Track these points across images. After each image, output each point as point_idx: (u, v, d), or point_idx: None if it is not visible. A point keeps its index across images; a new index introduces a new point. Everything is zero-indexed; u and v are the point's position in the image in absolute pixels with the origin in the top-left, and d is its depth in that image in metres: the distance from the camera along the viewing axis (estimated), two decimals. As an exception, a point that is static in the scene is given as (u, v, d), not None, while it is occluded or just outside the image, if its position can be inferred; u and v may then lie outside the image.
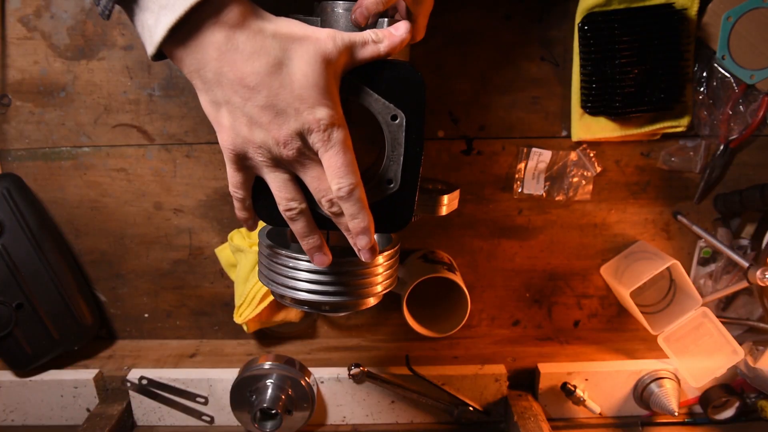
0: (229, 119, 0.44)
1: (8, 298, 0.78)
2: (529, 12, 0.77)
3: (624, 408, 0.82)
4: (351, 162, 0.45)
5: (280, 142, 0.44)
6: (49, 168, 0.83)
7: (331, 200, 0.46)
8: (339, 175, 0.45)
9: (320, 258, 0.51)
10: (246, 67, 0.41)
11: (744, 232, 0.85)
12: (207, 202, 0.85)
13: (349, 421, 0.82)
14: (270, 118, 0.43)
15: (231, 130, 0.44)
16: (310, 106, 0.43)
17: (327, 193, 0.46)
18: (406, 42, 0.47)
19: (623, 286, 0.81)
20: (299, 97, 0.42)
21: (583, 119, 0.79)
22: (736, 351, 0.78)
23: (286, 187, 0.47)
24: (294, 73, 0.42)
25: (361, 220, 0.47)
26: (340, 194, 0.45)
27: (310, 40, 0.43)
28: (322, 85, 0.43)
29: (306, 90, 0.42)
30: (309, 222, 0.49)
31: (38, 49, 0.78)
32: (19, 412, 0.82)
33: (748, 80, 0.76)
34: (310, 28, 0.44)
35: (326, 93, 0.43)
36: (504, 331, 0.92)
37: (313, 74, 0.42)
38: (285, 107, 0.42)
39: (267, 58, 0.41)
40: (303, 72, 0.42)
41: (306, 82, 0.42)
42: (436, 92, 0.80)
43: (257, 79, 0.41)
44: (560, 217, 0.86)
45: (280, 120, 0.43)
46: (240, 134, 0.44)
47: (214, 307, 0.90)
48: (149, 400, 0.80)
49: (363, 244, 0.49)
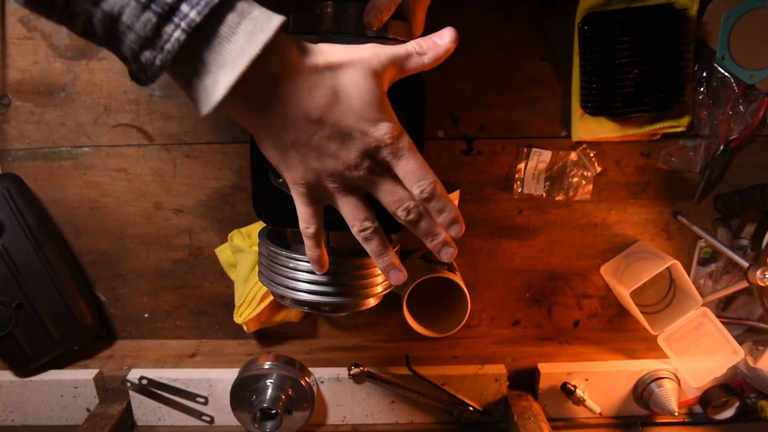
0: (298, 157, 0.44)
1: (8, 298, 0.78)
2: (529, 12, 0.77)
3: (624, 408, 0.82)
4: (423, 162, 0.46)
5: (351, 165, 0.44)
6: (49, 168, 0.83)
7: (407, 208, 0.46)
8: (417, 178, 0.45)
9: (396, 275, 0.50)
10: (307, 104, 0.42)
11: (744, 232, 0.85)
12: (207, 202, 0.85)
13: (349, 421, 0.82)
14: (338, 146, 0.43)
15: (301, 166, 0.44)
16: (372, 124, 0.43)
17: (402, 202, 0.46)
18: (451, 51, 0.47)
19: (623, 286, 0.81)
20: (361, 119, 0.43)
21: (583, 119, 0.79)
22: (736, 351, 0.78)
23: (359, 208, 0.47)
24: (351, 97, 0.43)
25: (449, 211, 0.47)
26: (424, 196, 0.46)
27: (357, 62, 0.43)
28: (377, 102, 0.43)
29: (365, 110, 0.43)
30: (383, 240, 0.49)
31: (38, 49, 0.78)
32: (19, 412, 0.82)
33: (748, 80, 0.76)
34: (352, 49, 0.44)
35: (383, 108, 0.44)
36: (504, 331, 0.92)
37: (368, 94, 0.43)
38: (350, 131, 0.43)
39: (324, 89, 0.42)
40: (358, 94, 0.43)
41: (363, 103, 0.43)
42: (436, 92, 0.80)
43: (319, 113, 0.42)
44: (560, 217, 0.86)
45: (348, 144, 0.43)
46: (311, 168, 0.44)
47: (214, 307, 0.90)
48: (149, 400, 0.81)
49: (455, 232, 0.49)
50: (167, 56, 0.38)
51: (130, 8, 0.37)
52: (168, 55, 0.38)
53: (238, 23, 0.38)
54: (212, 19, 0.38)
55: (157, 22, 0.37)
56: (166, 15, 0.37)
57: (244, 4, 0.39)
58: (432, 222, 0.48)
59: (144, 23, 0.37)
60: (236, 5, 0.39)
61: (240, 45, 0.38)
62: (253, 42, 0.38)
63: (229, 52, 0.38)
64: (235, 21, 0.38)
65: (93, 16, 0.38)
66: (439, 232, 0.48)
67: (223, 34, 0.38)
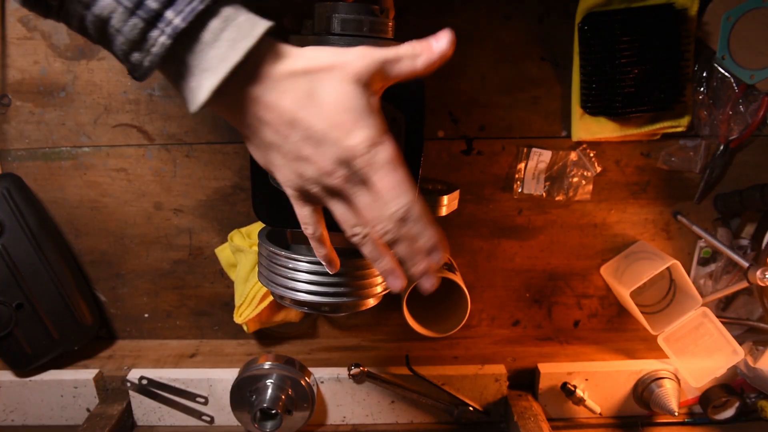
0: (280, 159, 0.44)
1: (8, 298, 0.78)
2: (529, 12, 0.77)
3: (624, 408, 0.82)
4: (403, 179, 0.43)
5: (326, 171, 0.43)
6: (49, 168, 0.83)
7: (384, 229, 0.44)
8: (392, 197, 0.42)
9: (394, 282, 0.47)
10: (280, 105, 0.42)
11: (744, 232, 0.85)
12: (207, 202, 0.85)
13: (349, 421, 0.82)
14: (312, 150, 0.42)
15: (284, 168, 0.44)
16: (346, 132, 0.42)
17: (378, 221, 0.43)
18: (448, 56, 0.45)
19: (623, 286, 0.81)
20: (334, 124, 0.42)
21: (583, 119, 0.79)
22: (736, 351, 0.78)
23: (348, 213, 0.45)
24: (326, 102, 0.42)
25: (427, 238, 0.44)
26: (397, 216, 0.43)
27: (338, 66, 0.42)
28: (357, 108, 0.42)
29: (340, 116, 0.42)
30: (377, 245, 0.46)
31: (38, 49, 0.78)
32: (19, 412, 0.82)
33: (748, 80, 0.76)
34: (338, 53, 0.43)
35: (363, 115, 0.42)
36: (504, 331, 0.92)
37: (345, 99, 0.42)
38: (322, 137, 0.42)
39: (297, 92, 0.41)
40: (334, 99, 0.42)
41: (338, 108, 0.42)
42: (436, 92, 0.80)
43: (291, 114, 0.41)
44: (560, 217, 0.86)
45: (322, 150, 0.42)
46: (292, 170, 0.44)
47: (214, 307, 0.90)
48: (149, 400, 0.81)
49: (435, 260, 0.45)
50: (154, 59, 0.40)
51: (118, 13, 0.39)
52: (155, 57, 0.40)
53: (221, 30, 0.39)
54: (196, 25, 0.39)
55: (144, 27, 0.39)
56: (151, 21, 0.39)
57: (230, 10, 0.40)
58: (409, 248, 0.44)
59: (131, 28, 0.39)
60: (221, 12, 0.40)
61: (223, 51, 0.39)
62: (235, 49, 0.39)
63: (212, 57, 0.39)
64: (218, 27, 0.39)
65: (85, 18, 0.40)
66: (416, 260, 0.45)
67: (206, 40, 0.39)
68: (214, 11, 0.40)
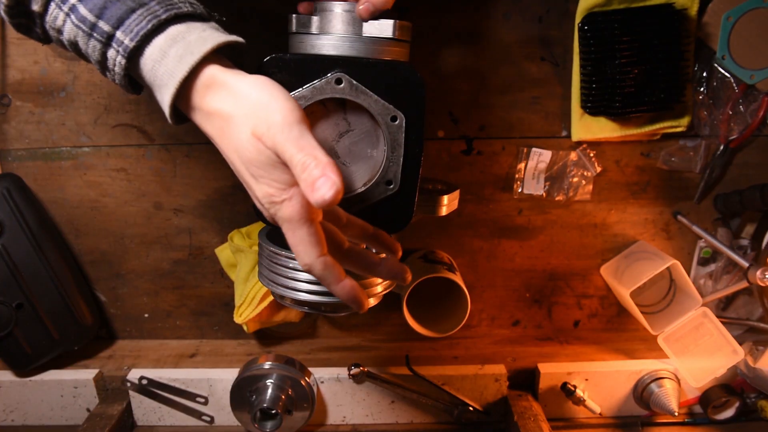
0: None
1: (8, 298, 0.78)
2: (529, 12, 0.77)
3: (624, 408, 0.82)
4: (300, 242, 0.42)
5: (260, 202, 0.43)
6: (49, 168, 0.83)
7: None
8: (296, 252, 0.42)
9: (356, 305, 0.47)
10: (207, 130, 0.44)
11: (744, 232, 0.85)
12: (207, 202, 0.85)
13: (349, 421, 0.82)
14: (247, 178, 0.43)
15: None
16: (254, 179, 0.42)
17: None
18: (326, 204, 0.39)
19: (623, 286, 0.81)
20: (245, 166, 0.42)
21: (583, 119, 0.79)
22: (736, 351, 0.78)
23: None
24: (240, 148, 0.41)
25: (339, 289, 0.45)
26: (304, 267, 0.43)
27: (243, 118, 0.41)
28: (256, 161, 0.41)
29: (248, 162, 0.41)
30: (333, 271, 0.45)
31: (38, 49, 0.78)
32: (19, 412, 0.82)
33: (748, 80, 0.76)
34: (265, 97, 0.41)
35: (263, 169, 0.41)
36: (504, 331, 0.92)
37: (247, 150, 0.41)
38: (242, 174, 0.43)
39: (215, 127, 0.42)
40: (237, 146, 0.41)
41: (242, 156, 0.41)
42: (436, 92, 0.80)
43: (217, 142, 0.43)
44: (560, 217, 0.86)
45: (252, 182, 0.43)
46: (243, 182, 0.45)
47: (214, 307, 0.90)
48: (149, 400, 0.81)
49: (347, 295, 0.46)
50: (119, 76, 0.43)
51: (81, 37, 0.42)
52: (119, 75, 0.43)
53: (169, 47, 0.41)
54: (145, 44, 0.42)
55: (101, 48, 0.42)
56: (106, 42, 0.42)
57: (181, 28, 0.42)
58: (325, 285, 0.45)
59: (92, 49, 0.42)
60: (168, 30, 0.41)
61: (170, 67, 0.41)
62: (182, 64, 0.41)
63: (162, 74, 0.42)
64: (166, 45, 0.41)
65: (63, 43, 0.44)
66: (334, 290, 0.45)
67: (156, 58, 0.42)
68: (161, 30, 0.41)
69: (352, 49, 0.49)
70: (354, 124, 0.50)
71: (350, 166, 0.51)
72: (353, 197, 0.52)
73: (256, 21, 0.76)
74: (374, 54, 0.50)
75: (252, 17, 0.76)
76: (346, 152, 0.51)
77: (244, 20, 0.76)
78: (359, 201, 0.52)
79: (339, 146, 0.51)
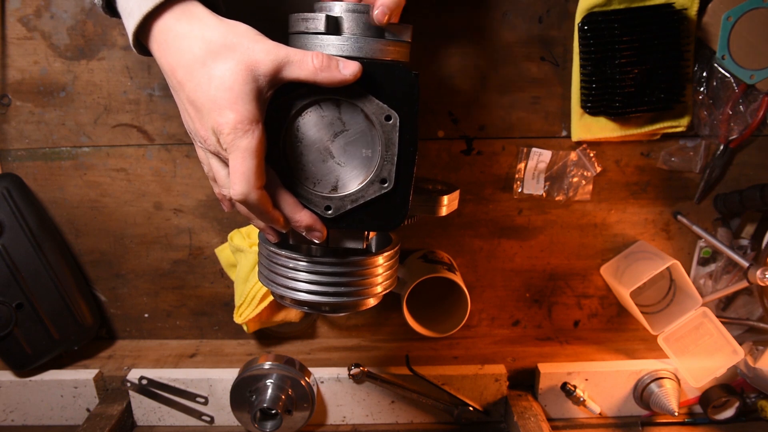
0: (179, 105, 0.49)
1: (8, 298, 0.78)
2: (529, 12, 0.77)
3: (624, 408, 0.82)
4: (249, 170, 0.45)
5: (200, 136, 0.47)
6: (49, 168, 0.83)
7: (235, 200, 0.47)
8: (234, 181, 0.45)
9: (272, 237, 0.54)
10: (176, 60, 0.46)
11: (744, 232, 0.85)
12: (207, 202, 0.85)
13: (349, 421, 0.82)
14: (194, 112, 0.46)
15: (182, 114, 0.49)
16: (219, 108, 0.44)
17: (232, 193, 0.47)
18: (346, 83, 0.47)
19: (623, 286, 0.81)
20: (212, 98, 0.44)
21: (583, 119, 0.79)
22: (736, 351, 0.78)
23: (218, 174, 0.50)
24: (213, 75, 0.44)
25: (257, 221, 0.51)
26: (237, 198, 0.46)
27: (238, 48, 0.45)
28: (237, 91, 0.44)
29: (219, 92, 0.44)
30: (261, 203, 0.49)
31: (38, 49, 0.78)
32: (19, 412, 0.82)
33: (748, 80, 0.76)
34: (250, 36, 0.45)
35: (240, 99, 0.44)
36: (504, 331, 0.92)
37: (231, 79, 0.44)
38: (201, 105, 0.45)
39: (192, 56, 0.45)
40: (220, 76, 0.44)
41: (220, 85, 0.44)
42: (436, 92, 0.80)
43: (183, 73, 0.45)
44: (560, 217, 0.86)
45: (200, 116, 0.46)
46: (184, 120, 0.49)
47: (214, 307, 0.90)
48: (149, 400, 0.81)
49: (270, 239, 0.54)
50: (101, 3, 0.48)
51: None
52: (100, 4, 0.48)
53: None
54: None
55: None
56: None
57: None
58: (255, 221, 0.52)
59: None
60: None
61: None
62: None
63: (134, 3, 0.45)
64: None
65: None
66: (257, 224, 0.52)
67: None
68: None
69: (352, 49, 0.49)
70: (349, 124, 0.50)
71: (345, 165, 0.51)
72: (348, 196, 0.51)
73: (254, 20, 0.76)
74: (375, 54, 0.50)
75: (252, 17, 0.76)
76: (341, 152, 0.51)
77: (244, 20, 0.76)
78: (354, 199, 0.52)
79: (334, 146, 0.51)
